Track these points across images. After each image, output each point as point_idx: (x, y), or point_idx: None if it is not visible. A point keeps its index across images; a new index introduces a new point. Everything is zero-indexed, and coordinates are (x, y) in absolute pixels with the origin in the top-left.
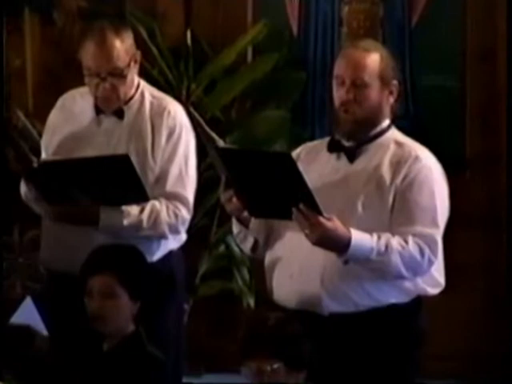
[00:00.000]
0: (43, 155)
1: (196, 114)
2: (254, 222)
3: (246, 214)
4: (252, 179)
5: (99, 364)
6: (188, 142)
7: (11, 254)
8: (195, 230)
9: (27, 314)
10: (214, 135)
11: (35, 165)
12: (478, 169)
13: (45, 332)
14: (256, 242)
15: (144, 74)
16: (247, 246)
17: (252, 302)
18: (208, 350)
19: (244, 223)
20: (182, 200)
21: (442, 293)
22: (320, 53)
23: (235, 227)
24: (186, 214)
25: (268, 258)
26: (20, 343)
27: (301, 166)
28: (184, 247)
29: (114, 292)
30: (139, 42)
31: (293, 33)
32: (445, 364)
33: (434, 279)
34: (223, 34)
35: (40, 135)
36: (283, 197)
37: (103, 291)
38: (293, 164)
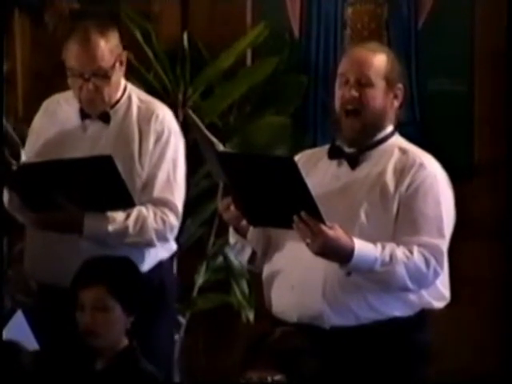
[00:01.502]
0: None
1: (194, 117)
2: (252, 232)
3: (244, 223)
4: (251, 185)
5: (92, 382)
6: (177, 146)
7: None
8: (192, 241)
9: (18, 328)
10: (213, 139)
11: (14, 168)
12: (486, 177)
13: (36, 347)
14: (254, 254)
15: (139, 77)
16: (244, 258)
17: (251, 315)
18: (206, 365)
19: (242, 233)
20: (169, 206)
21: (447, 306)
22: (322, 56)
23: (232, 237)
24: (174, 221)
25: (266, 270)
26: (4, 360)
27: None
28: (180, 259)
29: (107, 305)
30: (133, 45)
31: (294, 35)
32: (450, 380)
33: (438, 292)
34: (221, 37)
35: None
36: (284, 204)
37: (95, 304)
38: (295, 169)
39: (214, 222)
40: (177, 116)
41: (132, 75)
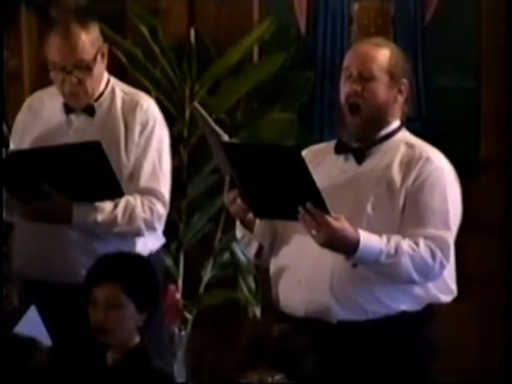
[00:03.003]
0: None
1: (201, 109)
2: (258, 226)
3: (250, 216)
4: (258, 176)
5: (102, 377)
6: (162, 136)
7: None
8: (199, 237)
9: (31, 324)
10: (219, 130)
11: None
12: (492, 173)
13: (49, 343)
14: (261, 247)
15: (146, 73)
16: (251, 252)
17: (258, 311)
18: (212, 361)
19: (248, 227)
20: (156, 195)
21: (453, 303)
22: (329, 52)
23: (239, 231)
24: (161, 210)
25: (274, 264)
26: (21, 355)
27: None
28: (187, 255)
29: (120, 303)
30: (141, 41)
31: (300, 31)
32: (456, 377)
33: (445, 285)
34: (228, 33)
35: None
36: (290, 195)
37: (109, 302)
38: (301, 160)
39: (221, 218)
40: (184, 112)
41: (139, 71)
